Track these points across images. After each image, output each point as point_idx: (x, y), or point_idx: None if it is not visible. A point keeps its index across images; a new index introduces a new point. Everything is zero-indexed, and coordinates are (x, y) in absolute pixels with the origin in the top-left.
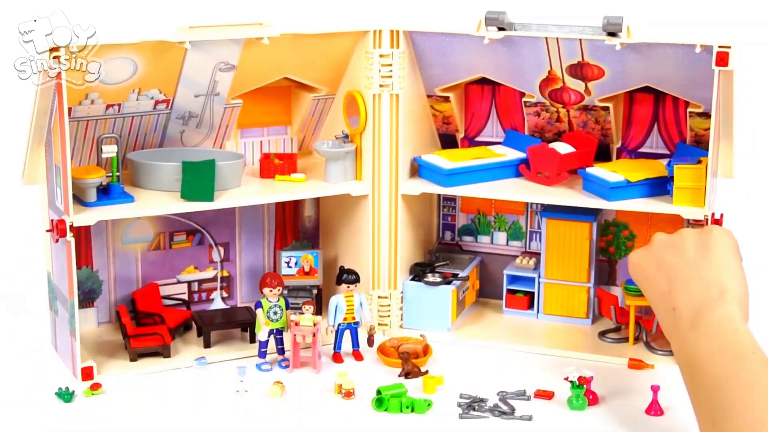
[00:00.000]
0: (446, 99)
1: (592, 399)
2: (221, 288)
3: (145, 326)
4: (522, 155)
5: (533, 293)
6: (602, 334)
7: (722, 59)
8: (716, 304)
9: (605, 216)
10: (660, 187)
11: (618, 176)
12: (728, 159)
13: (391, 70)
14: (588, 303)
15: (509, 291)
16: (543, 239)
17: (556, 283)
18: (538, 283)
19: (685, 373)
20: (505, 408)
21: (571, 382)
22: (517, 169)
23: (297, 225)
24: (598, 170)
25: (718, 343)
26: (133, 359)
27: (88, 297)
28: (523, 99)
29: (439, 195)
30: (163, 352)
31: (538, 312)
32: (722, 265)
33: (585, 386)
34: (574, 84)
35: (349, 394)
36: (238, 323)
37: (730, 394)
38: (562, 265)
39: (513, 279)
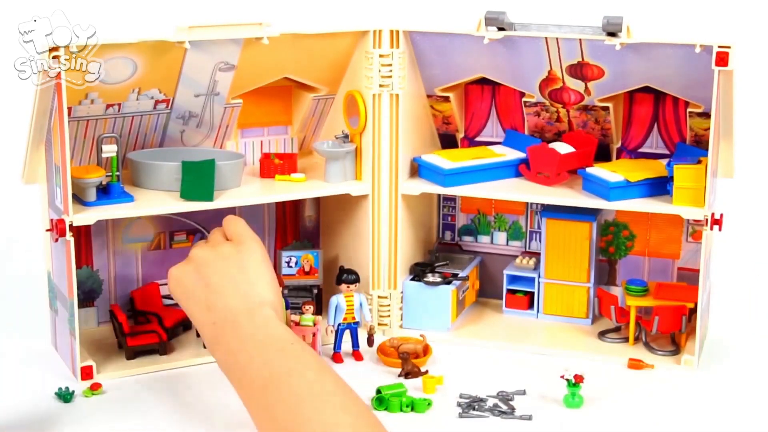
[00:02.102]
0: (446, 99)
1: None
2: None
3: (141, 324)
4: (522, 155)
5: (533, 293)
6: (602, 334)
7: (722, 59)
8: (255, 313)
9: (605, 216)
10: (660, 187)
11: (618, 176)
12: (728, 159)
13: (391, 70)
14: (588, 303)
15: (509, 291)
16: (543, 239)
17: (556, 283)
18: (538, 283)
19: (236, 383)
20: (505, 408)
21: (567, 380)
22: (517, 169)
23: (297, 225)
24: (598, 170)
25: (259, 344)
26: (129, 357)
27: (88, 297)
28: (523, 99)
29: (439, 195)
30: (160, 349)
31: (538, 312)
32: (258, 277)
33: (581, 384)
34: (574, 84)
35: None
36: None
37: (276, 386)
38: (562, 265)
39: (513, 279)
